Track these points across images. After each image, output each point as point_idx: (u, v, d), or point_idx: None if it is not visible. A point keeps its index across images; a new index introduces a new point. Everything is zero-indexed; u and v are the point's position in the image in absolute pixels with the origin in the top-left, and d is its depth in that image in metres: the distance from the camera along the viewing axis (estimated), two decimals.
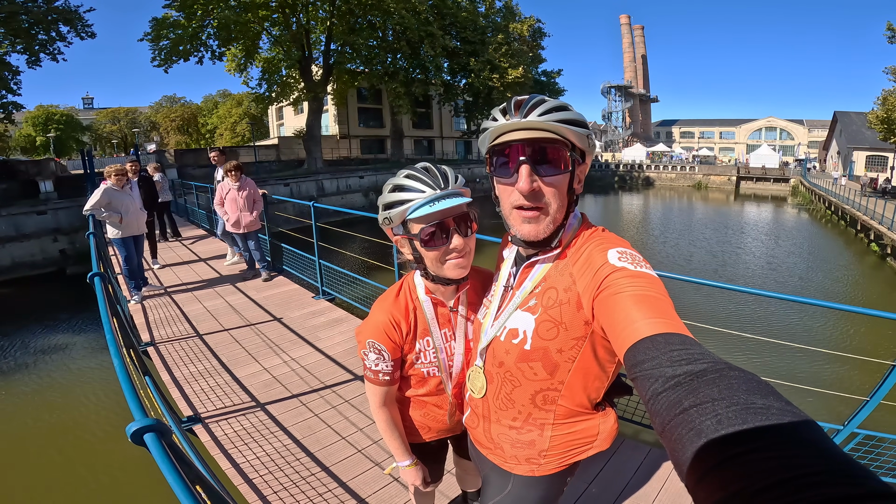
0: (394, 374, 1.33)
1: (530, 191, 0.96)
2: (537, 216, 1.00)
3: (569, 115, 0.95)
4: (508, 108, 0.98)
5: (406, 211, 1.16)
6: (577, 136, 0.96)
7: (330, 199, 23.35)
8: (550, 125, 0.94)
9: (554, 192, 0.98)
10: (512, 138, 0.97)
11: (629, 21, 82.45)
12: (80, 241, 14.61)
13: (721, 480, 0.40)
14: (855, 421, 2.59)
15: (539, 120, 0.94)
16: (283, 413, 3.38)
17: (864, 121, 33.52)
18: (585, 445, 1.16)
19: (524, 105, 0.96)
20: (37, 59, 19.68)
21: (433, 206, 1.14)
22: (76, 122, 55.86)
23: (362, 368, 1.35)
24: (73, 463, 5.34)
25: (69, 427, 6.10)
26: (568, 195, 1.01)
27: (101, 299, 2.50)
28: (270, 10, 23.93)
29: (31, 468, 5.26)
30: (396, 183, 1.20)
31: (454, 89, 34.55)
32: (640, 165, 51.34)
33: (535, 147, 0.96)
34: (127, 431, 1.26)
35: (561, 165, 0.97)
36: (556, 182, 0.98)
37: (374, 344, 1.29)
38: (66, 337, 9.20)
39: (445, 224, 1.18)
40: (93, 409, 6.49)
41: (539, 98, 0.97)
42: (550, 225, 1.01)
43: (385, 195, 1.21)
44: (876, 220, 18.10)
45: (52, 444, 5.71)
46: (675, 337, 0.67)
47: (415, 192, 1.16)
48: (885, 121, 23.46)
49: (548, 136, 0.95)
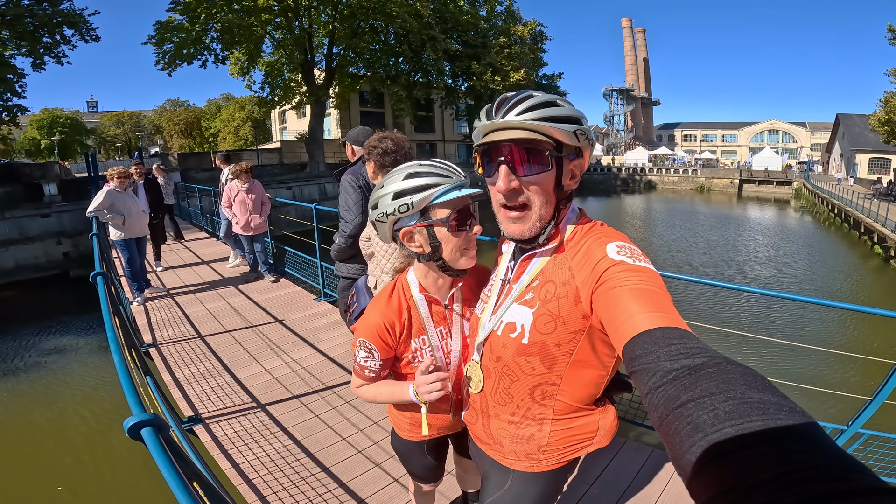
0: (379, 373, 1.34)
1: (508, 190, 0.97)
2: (522, 215, 1.00)
3: (552, 112, 0.94)
4: (491, 107, 0.99)
5: (432, 195, 1.14)
6: (562, 133, 0.95)
7: (332, 203, 23.22)
8: (529, 124, 0.94)
9: (536, 191, 0.98)
10: (494, 139, 0.98)
11: (630, 24, 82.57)
12: (83, 244, 14.64)
13: (717, 475, 0.40)
14: (859, 421, 2.57)
15: (517, 119, 0.94)
16: (284, 414, 3.37)
17: (866, 123, 33.42)
18: (585, 441, 1.15)
19: (505, 104, 0.96)
20: (41, 61, 19.76)
21: (461, 190, 1.16)
22: (80, 126, 56.13)
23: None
24: (75, 463, 5.34)
25: (71, 427, 6.11)
26: (555, 192, 1.00)
27: (103, 298, 2.50)
28: (273, 14, 24.02)
29: (33, 468, 5.26)
30: (411, 171, 1.17)
31: (456, 92, 34.57)
32: (643, 169, 51.28)
33: (514, 147, 0.96)
34: (124, 426, 1.26)
35: (541, 164, 0.96)
36: (537, 181, 0.98)
37: (365, 343, 1.30)
38: (69, 339, 9.22)
39: (468, 210, 1.19)
40: (95, 410, 6.49)
41: (523, 96, 0.97)
42: (537, 223, 1.01)
43: (396, 183, 1.17)
44: (879, 222, 18.05)
45: (53, 444, 5.71)
46: (673, 331, 0.67)
47: (438, 178, 1.15)
48: (887, 123, 23.37)
49: (525, 137, 0.95)
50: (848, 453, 0.37)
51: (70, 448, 5.64)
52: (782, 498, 0.33)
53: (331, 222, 4.16)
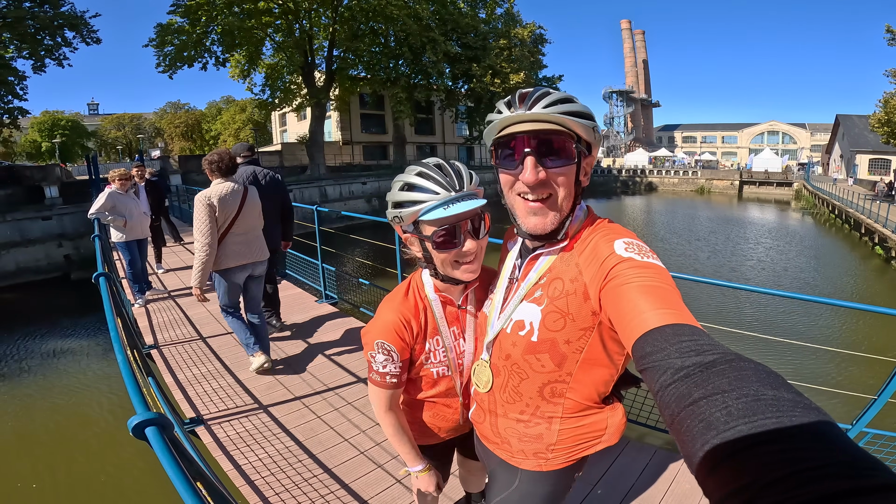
0: (401, 377, 1.28)
1: (536, 182, 0.96)
2: (543, 208, 0.99)
3: (573, 107, 0.95)
4: (513, 100, 0.98)
5: (418, 212, 1.13)
6: (582, 128, 0.96)
7: (333, 205, 23.40)
8: (555, 117, 0.94)
9: (560, 183, 0.98)
10: (516, 130, 0.97)
11: (630, 26, 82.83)
12: (84, 247, 14.66)
13: (731, 473, 0.39)
14: (863, 420, 2.56)
15: (544, 112, 0.94)
16: (286, 415, 3.37)
17: (866, 124, 33.44)
18: (594, 440, 1.14)
19: (529, 97, 0.96)
20: (42, 64, 19.85)
21: (447, 209, 1.11)
22: (81, 128, 56.23)
23: (367, 371, 1.31)
24: (76, 464, 5.33)
25: (72, 428, 6.11)
26: (575, 187, 1.01)
27: (106, 298, 2.50)
28: (274, 17, 24.11)
29: (35, 469, 5.25)
30: (407, 181, 1.15)
31: (456, 95, 34.63)
32: (643, 170, 51.32)
33: (540, 138, 0.96)
34: (128, 425, 1.25)
35: (567, 156, 0.97)
36: (563, 173, 0.98)
37: (382, 344, 1.24)
38: (70, 341, 9.22)
39: (458, 227, 1.15)
40: (95, 411, 6.50)
41: (544, 90, 0.97)
42: (557, 216, 1.00)
43: (395, 192, 1.17)
44: (880, 223, 18.06)
45: (54, 446, 5.71)
46: (683, 328, 0.66)
47: (427, 193, 1.12)
48: (887, 123, 23.39)
49: (552, 128, 0.95)
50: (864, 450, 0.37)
51: (70, 449, 5.64)
52: (798, 496, 0.33)
53: (331, 224, 4.17)
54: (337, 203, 24.13)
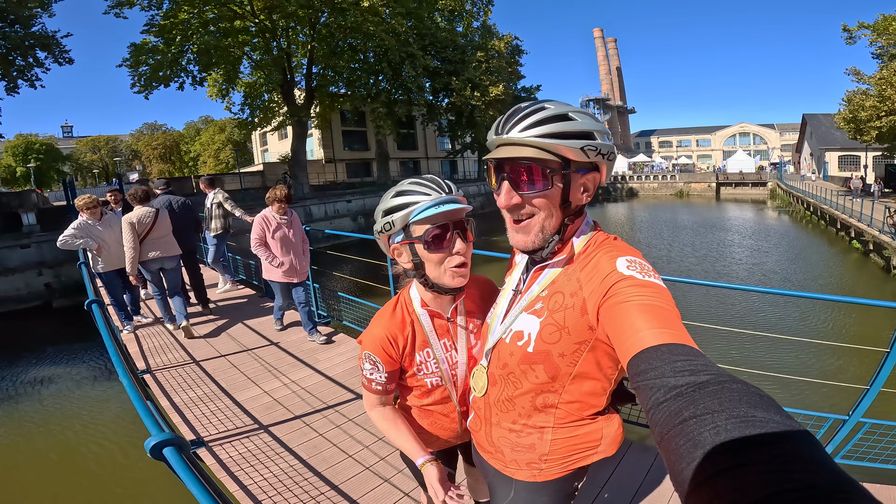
0: (387, 386, 1.34)
1: (509, 206, 0.99)
2: (525, 227, 1.02)
3: (559, 128, 0.93)
4: (499, 121, 1.00)
5: (411, 213, 1.19)
6: (568, 150, 0.94)
7: (318, 225, 23.16)
8: (532, 141, 0.94)
9: (539, 206, 0.99)
10: (494, 155, 1.00)
11: (602, 34, 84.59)
12: (65, 275, 14.32)
13: (714, 492, 0.40)
14: (859, 410, 2.62)
15: (520, 136, 0.94)
16: (288, 434, 3.33)
17: (832, 122, 34.26)
18: (589, 450, 1.13)
19: (512, 118, 0.97)
20: (15, 85, 19.32)
21: (438, 207, 1.18)
22: (56, 152, 54.74)
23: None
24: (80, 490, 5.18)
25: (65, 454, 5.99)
26: (561, 207, 1.00)
27: (102, 324, 2.47)
28: (250, 35, 23.93)
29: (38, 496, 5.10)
30: (400, 189, 1.23)
31: (437, 109, 34.91)
32: (623, 177, 52.13)
33: (513, 164, 0.97)
34: (146, 446, 1.25)
35: (540, 183, 0.96)
36: (537, 197, 0.98)
37: (369, 356, 1.32)
38: (59, 368, 9.00)
39: (449, 227, 1.21)
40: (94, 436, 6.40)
41: (533, 109, 0.96)
42: (539, 235, 1.02)
43: (387, 201, 1.23)
44: (855, 217, 18.55)
45: (46, 475, 5.58)
46: (679, 348, 0.67)
47: (419, 196, 1.19)
48: (851, 121, 24.01)
49: (526, 156, 0.95)
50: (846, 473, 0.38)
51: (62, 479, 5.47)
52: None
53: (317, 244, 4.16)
54: (323, 222, 23.95)
